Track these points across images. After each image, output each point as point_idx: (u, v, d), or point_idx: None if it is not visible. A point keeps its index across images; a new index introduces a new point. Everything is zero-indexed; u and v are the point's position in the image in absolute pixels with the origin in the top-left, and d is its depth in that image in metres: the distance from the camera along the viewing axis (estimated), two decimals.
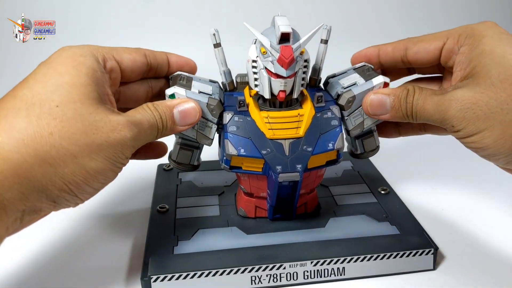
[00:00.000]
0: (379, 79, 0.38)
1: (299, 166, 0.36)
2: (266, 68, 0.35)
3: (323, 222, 0.41)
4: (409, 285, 0.36)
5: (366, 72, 0.39)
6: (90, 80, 0.30)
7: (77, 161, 0.28)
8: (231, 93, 0.40)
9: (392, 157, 0.53)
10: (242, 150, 0.36)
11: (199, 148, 0.40)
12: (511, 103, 0.29)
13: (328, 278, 0.36)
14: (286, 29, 0.33)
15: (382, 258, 0.36)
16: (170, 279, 0.34)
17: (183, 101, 0.34)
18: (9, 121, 0.27)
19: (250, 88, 0.39)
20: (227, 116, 0.36)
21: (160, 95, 0.39)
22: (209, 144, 0.38)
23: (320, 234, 0.39)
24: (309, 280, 0.36)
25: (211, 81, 0.40)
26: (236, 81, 0.40)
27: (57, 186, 0.28)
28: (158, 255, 0.36)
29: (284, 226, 0.40)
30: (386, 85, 0.38)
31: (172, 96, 0.36)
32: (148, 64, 0.37)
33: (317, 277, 0.36)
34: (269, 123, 0.36)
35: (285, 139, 0.36)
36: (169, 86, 0.37)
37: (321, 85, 0.41)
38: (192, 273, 0.34)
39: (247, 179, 0.39)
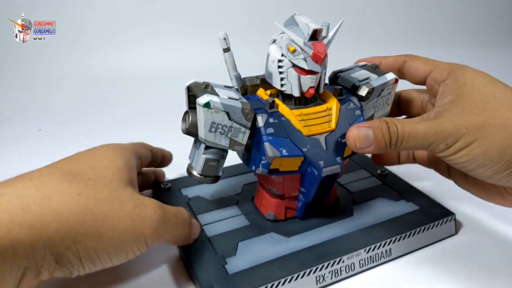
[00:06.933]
0: (391, 75, 0.40)
1: (338, 158, 0.36)
2: (294, 66, 0.34)
3: (349, 211, 0.42)
4: (447, 251, 0.39)
5: (375, 69, 0.41)
6: (125, 165, 0.35)
7: (94, 225, 0.29)
8: (247, 96, 0.38)
9: None
10: (284, 151, 0.35)
11: (224, 158, 0.38)
12: (495, 119, 0.33)
13: (379, 262, 0.37)
14: (317, 26, 0.33)
15: (418, 233, 0.39)
16: None
17: (193, 220, 0.38)
18: (42, 180, 0.29)
19: (267, 89, 0.38)
20: (262, 119, 0.35)
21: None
22: (241, 151, 0.36)
23: (354, 222, 0.40)
24: (364, 267, 0.37)
25: (226, 87, 0.38)
26: (246, 85, 0.39)
27: (65, 244, 0.28)
28: (218, 279, 0.33)
29: (316, 222, 0.40)
30: (396, 81, 0.40)
31: (207, 105, 0.33)
32: (152, 156, 0.45)
33: (371, 263, 0.37)
34: (303, 120, 0.36)
35: (320, 134, 0.36)
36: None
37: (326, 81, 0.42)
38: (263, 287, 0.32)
39: (281, 181, 0.38)
